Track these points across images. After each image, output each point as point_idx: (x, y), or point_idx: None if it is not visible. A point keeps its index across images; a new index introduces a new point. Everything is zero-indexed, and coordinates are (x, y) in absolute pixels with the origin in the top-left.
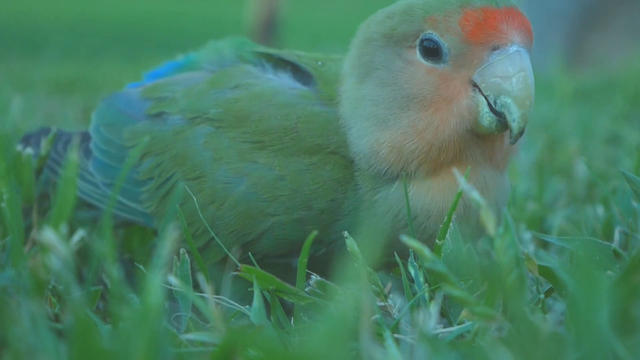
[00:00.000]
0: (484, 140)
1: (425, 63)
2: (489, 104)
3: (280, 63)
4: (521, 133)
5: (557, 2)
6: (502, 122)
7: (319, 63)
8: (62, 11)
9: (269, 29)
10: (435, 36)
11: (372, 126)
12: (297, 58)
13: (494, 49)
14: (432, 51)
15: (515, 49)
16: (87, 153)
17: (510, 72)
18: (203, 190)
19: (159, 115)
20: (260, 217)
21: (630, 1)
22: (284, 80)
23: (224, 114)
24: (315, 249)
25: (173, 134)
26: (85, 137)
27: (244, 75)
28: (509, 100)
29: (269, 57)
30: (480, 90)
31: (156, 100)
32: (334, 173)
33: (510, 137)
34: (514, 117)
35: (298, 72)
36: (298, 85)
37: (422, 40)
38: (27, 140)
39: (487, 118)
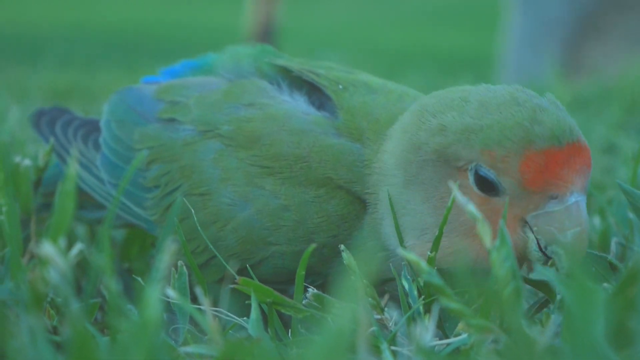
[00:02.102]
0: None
1: (479, 192)
2: (538, 243)
3: (297, 82)
4: None
5: (554, 9)
6: (548, 258)
7: (340, 87)
8: (59, 19)
9: (266, 37)
10: (492, 173)
11: (409, 231)
12: (316, 78)
13: (553, 197)
14: (486, 183)
15: (574, 199)
16: (96, 145)
17: (567, 226)
18: (207, 208)
19: (171, 121)
20: (261, 244)
21: (628, 10)
22: (299, 104)
23: (236, 132)
24: (312, 279)
25: (183, 144)
26: (97, 126)
27: (259, 92)
28: (561, 251)
29: (287, 74)
30: (530, 228)
31: (169, 103)
32: (339, 208)
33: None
34: (563, 265)
35: (315, 92)
36: (312, 110)
37: (476, 170)
38: (39, 117)
39: (535, 255)
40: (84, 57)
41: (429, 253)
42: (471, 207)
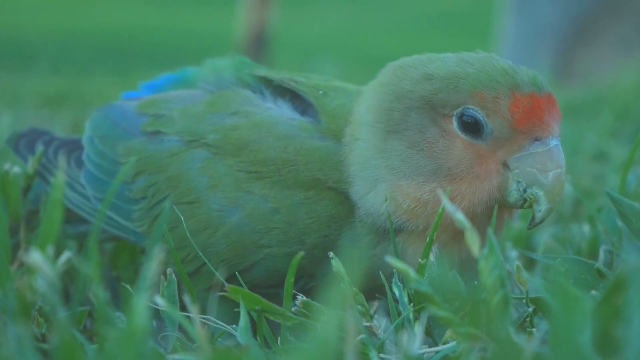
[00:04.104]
0: (499, 209)
1: (463, 137)
2: (517, 185)
3: (279, 90)
4: (541, 222)
5: (546, 16)
6: (527, 201)
7: (320, 92)
8: (51, 24)
9: (259, 44)
10: (480, 114)
11: (395, 179)
12: (296, 85)
13: (536, 139)
14: (471, 127)
15: (555, 142)
16: (78, 163)
17: (548, 167)
18: (196, 215)
19: (155, 133)
20: (253, 248)
21: (620, 16)
22: (283, 110)
23: (222, 140)
24: (305, 282)
25: (169, 155)
26: (77, 145)
27: (243, 101)
28: (540, 193)
29: (268, 83)
30: (511, 170)
31: (153, 117)
32: (329, 209)
33: (530, 224)
34: (541, 208)
35: (297, 99)
36: (297, 115)
37: (461, 114)
38: (17, 141)
39: (514, 196)
40: (77, 63)
41: (420, 260)
42: (460, 216)
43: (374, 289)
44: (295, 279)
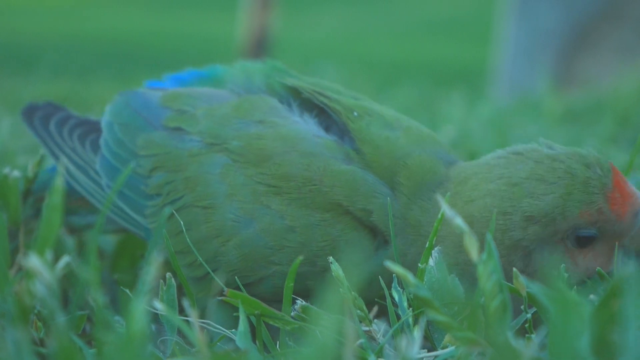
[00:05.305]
0: None
1: (581, 249)
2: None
3: (307, 103)
4: None
5: (546, 21)
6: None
7: (355, 114)
8: (53, 29)
9: (261, 48)
10: (592, 231)
11: None
12: (327, 101)
13: (636, 214)
14: (587, 240)
15: None
16: (94, 146)
17: None
18: (210, 221)
19: (177, 130)
20: (263, 263)
21: (621, 22)
22: (309, 126)
23: (245, 148)
24: (312, 302)
25: (189, 155)
26: (94, 127)
27: (270, 110)
28: None
29: (297, 94)
30: (623, 246)
31: (176, 112)
32: (343, 233)
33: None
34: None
35: (323, 114)
36: (322, 132)
37: (575, 235)
38: (31, 112)
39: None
40: (78, 67)
41: (419, 265)
42: (458, 220)
43: (374, 295)
44: (303, 297)
